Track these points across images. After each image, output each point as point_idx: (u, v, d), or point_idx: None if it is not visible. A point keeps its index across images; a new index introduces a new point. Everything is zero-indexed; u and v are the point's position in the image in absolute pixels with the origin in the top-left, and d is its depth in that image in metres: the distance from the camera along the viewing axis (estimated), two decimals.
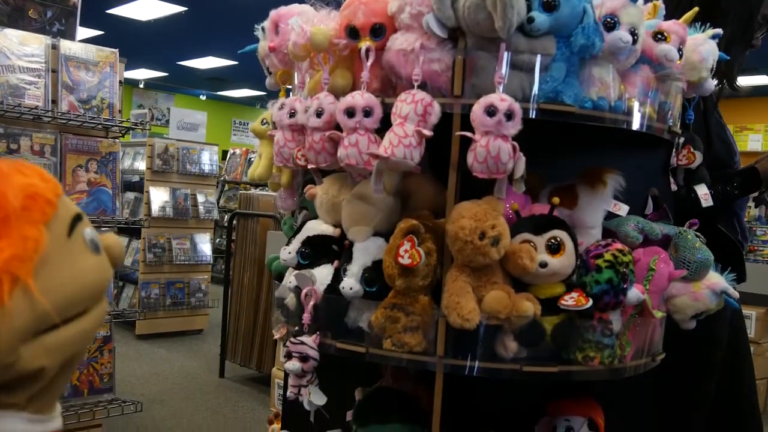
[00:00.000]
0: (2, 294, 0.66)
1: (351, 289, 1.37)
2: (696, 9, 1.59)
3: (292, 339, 1.45)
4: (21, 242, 0.69)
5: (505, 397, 1.61)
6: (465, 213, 1.27)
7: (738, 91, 2.08)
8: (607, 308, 1.33)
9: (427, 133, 1.28)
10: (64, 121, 2.71)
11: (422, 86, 1.31)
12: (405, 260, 1.28)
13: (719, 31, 1.62)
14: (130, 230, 5.98)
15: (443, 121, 1.30)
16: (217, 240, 8.47)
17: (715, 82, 1.86)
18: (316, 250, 1.51)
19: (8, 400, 0.74)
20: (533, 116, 1.29)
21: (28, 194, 0.72)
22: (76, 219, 0.78)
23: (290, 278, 1.49)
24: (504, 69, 1.26)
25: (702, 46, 1.57)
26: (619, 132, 1.42)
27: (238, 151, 9.02)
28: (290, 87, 1.68)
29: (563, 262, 1.31)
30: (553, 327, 1.31)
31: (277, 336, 1.63)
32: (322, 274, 1.46)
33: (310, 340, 1.43)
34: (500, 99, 1.23)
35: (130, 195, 6.04)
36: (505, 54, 1.26)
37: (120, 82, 2.92)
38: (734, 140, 2.08)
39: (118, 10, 8.93)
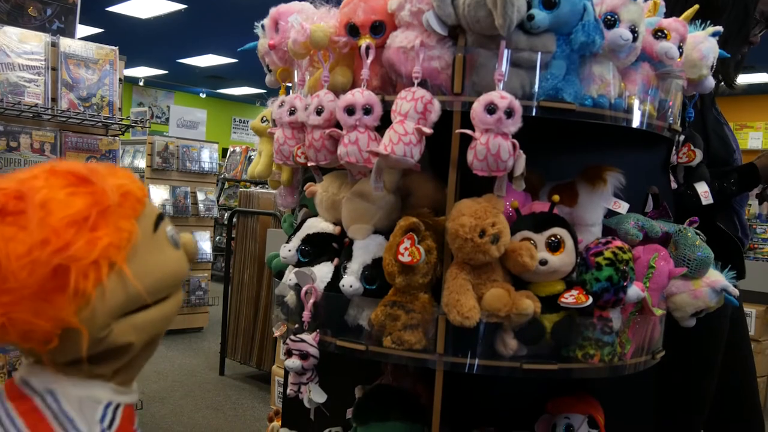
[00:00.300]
0: (101, 275, 0.79)
1: (351, 286, 1.37)
2: (696, 6, 1.58)
3: (292, 336, 1.45)
4: (117, 233, 0.81)
5: (505, 395, 1.61)
6: (465, 211, 1.27)
7: (734, 89, 2.07)
8: (607, 306, 1.33)
9: (427, 130, 1.27)
10: (63, 119, 2.71)
11: (422, 84, 1.31)
12: (405, 258, 1.28)
13: (719, 28, 1.61)
14: None
15: (443, 119, 1.30)
16: (217, 238, 8.47)
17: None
18: (316, 248, 1.51)
19: (97, 371, 0.87)
20: (533, 114, 1.29)
21: (122, 193, 0.84)
22: (160, 217, 0.91)
23: (290, 276, 1.49)
24: (504, 66, 1.26)
25: (702, 43, 1.57)
26: (620, 130, 1.42)
27: (238, 149, 9.01)
28: (290, 85, 1.68)
29: (563, 260, 1.31)
30: (553, 325, 1.31)
31: (277, 334, 1.63)
32: (322, 271, 1.46)
33: (310, 337, 1.43)
34: (500, 96, 1.23)
35: None
36: (505, 51, 1.26)
37: (120, 79, 2.92)
38: (734, 138, 2.08)
39: (117, 8, 8.92)
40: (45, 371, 0.86)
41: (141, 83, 14.43)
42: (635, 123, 1.41)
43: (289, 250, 1.53)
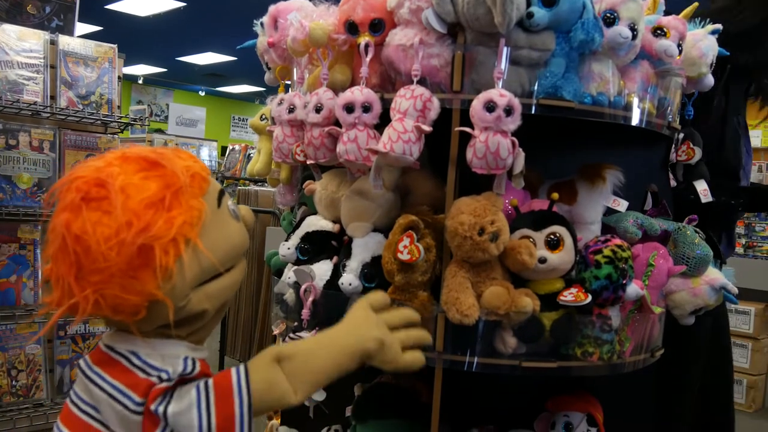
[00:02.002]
0: (180, 251, 0.86)
1: (350, 284, 1.37)
2: (696, 4, 1.58)
3: (291, 334, 1.45)
4: (189, 211, 0.88)
5: (505, 393, 1.61)
6: (464, 209, 1.27)
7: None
8: (606, 304, 1.33)
9: (427, 128, 1.27)
10: (62, 117, 2.70)
11: (421, 81, 1.31)
12: (404, 256, 1.28)
13: (719, 26, 1.62)
14: None
15: (442, 117, 1.30)
16: None
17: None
18: (315, 246, 1.51)
19: (174, 333, 0.94)
20: (533, 112, 1.29)
21: (190, 173, 0.91)
22: (221, 193, 0.99)
23: (289, 274, 1.49)
24: (503, 64, 1.26)
25: (701, 41, 1.57)
26: (619, 128, 1.42)
27: (237, 147, 8.99)
28: (289, 82, 1.68)
29: (562, 258, 1.31)
30: (552, 323, 1.31)
31: (276, 332, 1.63)
32: (321, 269, 1.46)
33: (309, 335, 1.43)
34: (499, 94, 1.22)
35: None
36: (505, 49, 1.26)
37: (119, 77, 2.91)
38: (749, 146, 2.07)
39: (116, 6, 8.91)
40: (127, 336, 0.94)
41: (140, 81, 14.41)
42: (634, 121, 1.41)
43: (289, 248, 1.53)
